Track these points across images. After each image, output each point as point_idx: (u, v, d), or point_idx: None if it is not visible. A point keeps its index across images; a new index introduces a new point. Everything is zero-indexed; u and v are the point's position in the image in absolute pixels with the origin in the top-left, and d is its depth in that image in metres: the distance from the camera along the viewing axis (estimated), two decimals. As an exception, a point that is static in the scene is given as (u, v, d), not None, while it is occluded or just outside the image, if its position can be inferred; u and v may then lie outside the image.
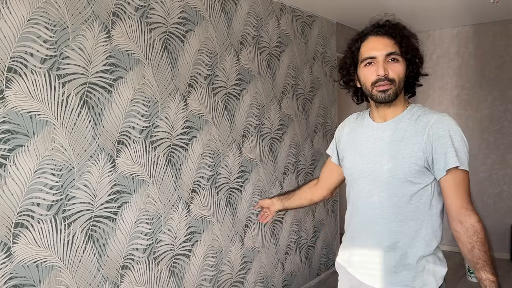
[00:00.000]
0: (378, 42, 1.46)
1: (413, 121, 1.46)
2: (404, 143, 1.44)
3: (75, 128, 2.20)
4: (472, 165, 4.97)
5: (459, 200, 1.40)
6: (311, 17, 4.18)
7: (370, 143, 1.53)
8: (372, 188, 1.50)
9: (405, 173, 1.43)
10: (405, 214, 1.46)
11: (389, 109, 1.50)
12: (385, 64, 1.44)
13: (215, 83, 3.06)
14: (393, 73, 1.44)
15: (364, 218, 1.54)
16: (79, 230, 2.23)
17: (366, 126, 1.58)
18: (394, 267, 1.48)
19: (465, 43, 4.98)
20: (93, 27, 2.27)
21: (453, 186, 1.40)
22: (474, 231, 1.38)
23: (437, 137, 1.40)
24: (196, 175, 2.92)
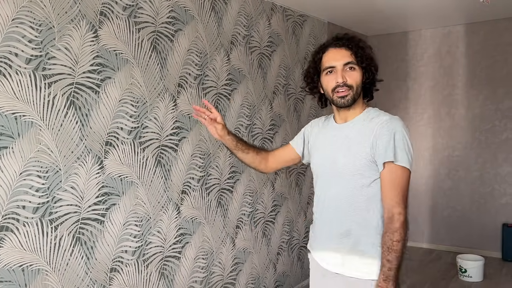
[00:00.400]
0: (337, 53, 1.64)
1: (367, 122, 1.64)
2: (357, 141, 1.63)
3: (61, 129, 2.16)
4: (464, 164, 4.98)
5: (391, 193, 1.55)
6: (302, 16, 4.16)
7: (332, 142, 1.72)
8: (331, 181, 1.69)
9: (356, 167, 1.61)
10: (357, 204, 1.62)
11: (349, 112, 1.70)
12: (343, 73, 1.63)
13: (205, 83, 3.04)
14: (351, 80, 1.63)
15: (324, 209, 1.72)
16: (66, 232, 2.19)
17: (330, 127, 1.78)
18: (347, 253, 1.64)
19: (456, 43, 4.99)
20: (80, 26, 2.24)
21: (388, 180, 1.56)
22: (395, 219, 1.52)
23: (381, 135, 1.57)
24: (186, 176, 2.89)
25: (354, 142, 1.63)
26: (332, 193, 1.68)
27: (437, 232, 5.17)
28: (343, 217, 1.65)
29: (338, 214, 1.66)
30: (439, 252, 5.07)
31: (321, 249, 1.74)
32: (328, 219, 1.70)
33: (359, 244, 1.62)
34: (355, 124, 1.67)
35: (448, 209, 5.10)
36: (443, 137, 5.11)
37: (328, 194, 1.70)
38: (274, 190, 3.75)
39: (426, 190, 5.23)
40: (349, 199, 1.63)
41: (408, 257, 4.90)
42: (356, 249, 1.62)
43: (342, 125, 1.71)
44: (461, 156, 5.01)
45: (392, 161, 1.55)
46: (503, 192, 4.78)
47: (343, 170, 1.64)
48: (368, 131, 1.61)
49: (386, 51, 5.43)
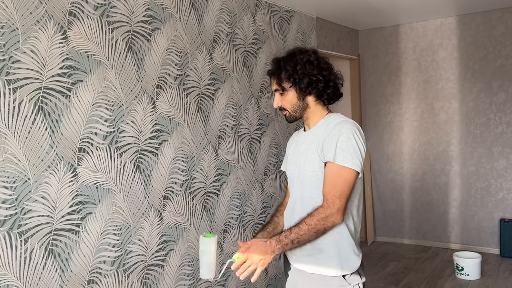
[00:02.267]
0: (271, 81, 1.81)
1: (325, 127, 1.74)
2: (314, 144, 1.73)
3: (29, 136, 2.05)
4: (460, 159, 4.88)
5: (326, 191, 1.63)
6: (289, 12, 4.05)
7: (298, 149, 1.84)
8: (296, 184, 1.79)
9: (312, 170, 1.71)
10: (316, 204, 1.67)
11: (308, 120, 1.82)
12: (277, 99, 1.79)
13: (186, 83, 2.92)
14: (284, 103, 1.77)
15: (290, 210, 1.80)
16: (38, 245, 2.08)
17: (300, 136, 1.89)
18: (309, 250, 1.68)
19: (449, 35, 4.88)
20: (46, 28, 2.13)
21: (326, 176, 1.65)
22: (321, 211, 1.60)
23: (327, 137, 1.67)
24: (168, 181, 2.79)
25: (312, 146, 1.74)
26: (298, 196, 1.77)
27: (433, 228, 5.07)
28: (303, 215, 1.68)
29: (299, 212, 1.71)
30: (436, 249, 4.98)
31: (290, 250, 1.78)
32: (293, 220, 1.74)
33: (318, 242, 1.67)
34: (315, 130, 1.78)
35: (444, 205, 5.00)
36: (438, 131, 5.01)
37: (295, 196, 1.79)
38: (263, 191, 3.65)
39: (421, 186, 5.13)
40: (309, 200, 1.71)
41: (404, 255, 4.81)
42: (315, 247, 1.68)
43: (307, 132, 1.82)
44: (456, 151, 4.91)
45: (331, 161, 1.63)
46: (499, 187, 4.68)
47: (304, 173, 1.74)
48: (322, 135, 1.70)
49: (378, 45, 5.32)
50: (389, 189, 5.34)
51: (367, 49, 5.40)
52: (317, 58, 1.75)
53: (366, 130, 5.44)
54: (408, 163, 5.21)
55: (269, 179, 3.73)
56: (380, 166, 5.37)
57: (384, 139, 5.34)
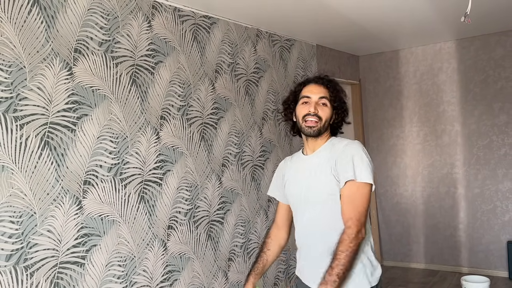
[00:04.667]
0: (315, 88, 1.82)
1: (329, 149, 1.79)
2: (323, 166, 1.76)
3: (35, 171, 2.10)
4: (464, 181, 4.87)
5: (349, 209, 1.65)
6: (289, 41, 4.13)
7: (303, 172, 1.84)
8: (306, 208, 1.79)
9: (328, 192, 1.72)
10: (335, 225, 1.69)
11: (316, 142, 1.83)
12: (316, 105, 1.78)
13: (189, 113, 2.98)
14: (322, 113, 1.78)
15: (304, 234, 1.82)
16: (43, 279, 2.10)
17: (300, 160, 1.90)
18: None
19: (448, 59, 4.94)
20: (53, 65, 2.19)
21: (346, 195, 1.67)
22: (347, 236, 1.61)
23: (341, 159, 1.71)
24: (172, 211, 2.81)
25: (321, 169, 1.76)
26: (312, 218, 1.77)
27: (440, 252, 5.03)
28: (325, 238, 1.72)
29: (320, 236, 1.75)
30: (444, 273, 4.92)
31: (309, 271, 1.81)
32: (311, 242, 1.78)
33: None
34: (320, 153, 1.81)
35: (450, 228, 4.97)
36: (441, 154, 5.02)
37: (305, 219, 1.80)
38: (267, 218, 3.66)
39: (426, 209, 5.11)
40: (328, 221, 1.73)
41: (412, 279, 4.76)
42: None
43: (310, 156, 1.84)
44: (460, 173, 4.90)
45: (351, 179, 1.66)
46: (505, 209, 4.65)
47: (317, 196, 1.75)
48: (331, 157, 1.75)
49: (378, 70, 5.39)
50: (394, 212, 5.33)
51: (368, 74, 5.47)
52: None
53: (369, 153, 5.43)
54: (412, 186, 5.21)
55: (273, 205, 3.74)
56: (385, 190, 5.37)
57: (388, 162, 5.35)
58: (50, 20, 2.19)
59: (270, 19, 3.50)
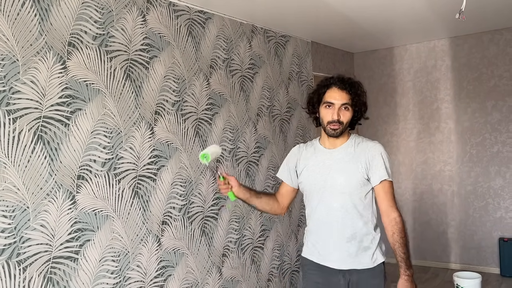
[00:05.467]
0: (338, 93, 2.00)
1: (355, 147, 2.04)
2: (352, 162, 2.01)
3: (28, 165, 2.08)
4: (457, 178, 4.90)
5: (387, 201, 1.99)
6: (285, 37, 4.12)
7: (326, 165, 2.05)
8: (332, 196, 2.02)
9: (355, 184, 1.99)
10: (358, 212, 2.01)
11: (338, 140, 2.07)
12: (339, 111, 1.99)
13: (184, 109, 2.97)
14: (344, 118, 2.00)
15: (328, 219, 2.04)
16: (36, 273, 2.09)
17: (321, 152, 2.10)
18: (355, 252, 2.01)
19: (442, 56, 4.96)
20: (46, 58, 2.18)
21: (383, 191, 2.00)
22: (395, 222, 1.96)
23: (372, 158, 2.00)
24: (167, 206, 2.80)
25: (349, 163, 2.01)
26: (336, 205, 2.01)
27: (432, 248, 5.06)
28: (349, 222, 2.00)
29: (344, 221, 2.00)
30: (436, 269, 4.95)
31: (329, 254, 2.05)
32: (335, 227, 2.02)
33: (363, 242, 2.01)
34: (345, 149, 2.05)
35: (443, 225, 5.00)
36: (434, 151, 5.04)
37: (331, 206, 2.02)
38: (261, 214, 3.66)
39: (419, 206, 5.13)
40: (353, 209, 2.00)
41: (405, 276, 4.78)
42: (362, 246, 2.01)
43: (333, 150, 2.06)
44: (453, 170, 4.93)
45: (385, 179, 1.98)
46: (497, 206, 4.69)
47: (342, 186, 1.99)
48: (359, 155, 2.01)
49: (372, 67, 5.40)
50: (387, 209, 5.34)
51: (362, 71, 5.48)
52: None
53: (363, 150, 5.47)
54: (405, 183, 5.23)
55: (267, 202, 3.73)
56: (378, 187, 5.39)
57: (382, 160, 5.36)
58: (44, 13, 2.17)
59: (265, 15, 3.49)
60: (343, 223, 2.00)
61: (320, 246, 2.07)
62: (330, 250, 2.04)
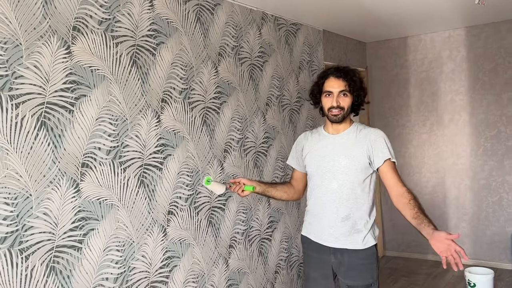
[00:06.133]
0: (335, 82, 2.16)
1: (357, 133, 2.19)
2: (355, 147, 2.15)
3: (31, 152, 2.03)
4: (470, 172, 4.80)
5: (394, 179, 2.11)
6: (296, 25, 4.03)
7: (330, 148, 2.21)
8: (332, 178, 2.16)
9: (356, 167, 2.13)
10: (354, 195, 2.14)
11: (340, 125, 2.22)
12: (338, 98, 2.15)
13: (191, 97, 2.90)
14: (343, 103, 2.16)
15: (325, 199, 2.19)
16: (39, 262, 2.05)
17: (323, 137, 2.27)
18: (347, 232, 2.15)
19: (457, 47, 4.83)
20: (50, 43, 2.12)
21: (388, 170, 2.11)
22: (407, 193, 2.06)
23: (375, 143, 2.13)
24: (173, 196, 2.75)
25: (352, 148, 2.15)
26: (335, 187, 2.15)
27: (444, 243, 4.96)
28: (344, 204, 2.14)
29: (340, 202, 2.14)
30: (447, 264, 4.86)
31: (323, 231, 2.20)
32: (331, 207, 2.16)
33: (356, 224, 2.14)
34: (348, 135, 2.20)
35: (455, 219, 4.90)
36: (447, 144, 4.93)
37: (331, 187, 2.16)
38: (270, 206, 3.60)
39: (431, 200, 5.04)
40: (350, 191, 2.13)
41: (414, 270, 4.71)
42: (354, 228, 2.14)
43: (336, 136, 2.22)
44: (466, 164, 4.82)
45: (389, 158, 2.10)
46: (511, 201, 4.57)
47: (345, 169, 2.13)
48: (362, 140, 2.15)
49: (386, 57, 5.28)
50: (398, 202, 5.25)
51: (375, 61, 5.36)
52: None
53: (374, 142, 5.38)
54: (417, 176, 5.13)
55: (275, 193, 3.67)
56: (389, 179, 5.29)
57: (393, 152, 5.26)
58: (48, -4, 2.11)
59: (276, 2, 3.40)
60: (339, 203, 2.14)
61: (316, 225, 2.24)
62: (324, 229, 2.19)
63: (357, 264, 2.14)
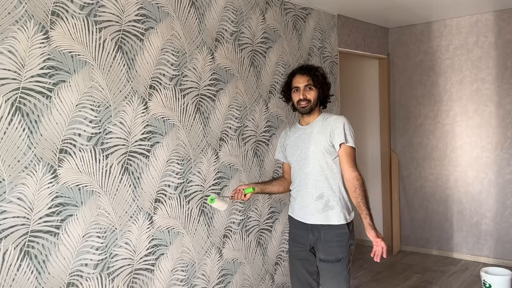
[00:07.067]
0: (301, 78, 2.44)
1: (323, 121, 2.44)
2: (320, 134, 2.41)
3: (4, 137, 2.04)
4: (495, 166, 4.51)
5: (347, 163, 2.35)
6: (305, 9, 3.88)
7: (301, 138, 2.48)
8: (305, 163, 2.44)
9: (322, 151, 2.39)
10: (325, 175, 2.39)
11: (310, 117, 2.48)
12: (304, 91, 2.42)
13: (183, 83, 2.85)
14: (309, 96, 2.42)
15: (302, 182, 2.45)
16: (12, 246, 2.07)
17: (297, 130, 2.54)
18: (322, 209, 2.39)
19: (485, 32, 4.51)
20: (26, 28, 2.11)
21: (343, 154, 2.37)
22: (356, 179, 2.31)
23: (335, 128, 2.37)
24: (161, 184, 2.72)
25: (318, 135, 2.41)
26: (308, 170, 2.42)
27: (464, 240, 4.72)
28: (317, 184, 2.39)
29: (314, 183, 2.40)
30: (466, 262, 4.63)
31: (302, 210, 2.45)
32: (306, 189, 2.42)
33: (329, 201, 2.39)
34: (315, 124, 2.45)
35: (477, 215, 4.64)
36: (471, 136, 4.65)
37: (305, 171, 2.43)
38: (271, 196, 3.51)
39: (452, 195, 4.79)
40: (320, 171, 2.39)
41: (430, 267, 4.50)
42: (328, 205, 2.38)
43: (306, 126, 2.49)
44: (491, 157, 4.53)
45: (344, 142, 2.35)
46: (538, 198, 4.27)
47: (313, 154, 2.40)
48: (326, 127, 2.40)
49: (408, 44, 5.02)
50: (417, 196, 5.04)
51: (397, 48, 5.11)
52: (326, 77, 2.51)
53: (395, 133, 5.16)
54: (438, 169, 4.88)
55: (277, 183, 3.58)
56: (409, 172, 5.07)
57: (414, 143, 5.03)
58: (24, -19, 2.10)
59: (279, -15, 3.27)
60: (313, 184, 2.41)
61: (296, 204, 2.50)
62: (302, 207, 2.45)
63: (330, 241, 2.38)
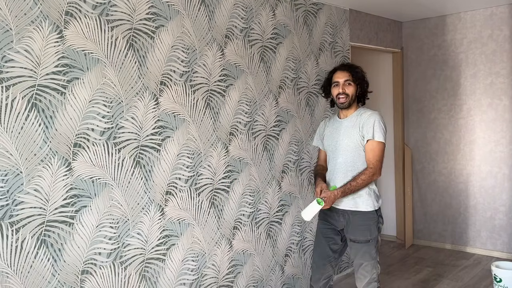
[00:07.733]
0: (341, 74, 2.66)
1: (357, 116, 2.65)
2: (354, 128, 2.62)
3: (22, 132, 2.16)
4: (509, 160, 4.48)
5: (371, 157, 2.57)
6: (316, 5, 3.91)
7: (337, 131, 2.71)
8: (338, 153, 2.67)
9: (355, 144, 2.60)
10: (356, 166, 2.61)
11: (348, 111, 2.70)
12: (343, 86, 2.62)
13: (193, 80, 2.93)
14: (348, 91, 2.63)
15: (334, 170, 2.68)
16: (29, 235, 2.19)
17: (335, 122, 2.76)
18: (350, 196, 2.60)
19: (500, 25, 4.47)
20: (41, 28, 2.22)
21: (369, 149, 2.58)
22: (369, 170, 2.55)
23: (367, 123, 2.57)
24: (172, 177, 2.82)
25: (351, 129, 2.62)
26: (340, 160, 2.64)
27: (477, 235, 4.71)
28: (347, 174, 2.61)
29: (344, 172, 2.62)
30: (479, 256, 4.62)
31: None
32: (338, 177, 2.64)
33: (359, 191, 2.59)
34: (351, 118, 2.67)
35: (491, 210, 4.62)
36: (485, 130, 4.62)
37: (338, 161, 2.65)
38: (280, 189, 3.58)
39: (466, 189, 4.77)
40: (352, 163, 2.61)
41: (442, 261, 4.51)
42: (357, 193, 2.59)
43: (343, 120, 2.71)
44: (505, 152, 4.50)
45: (371, 139, 2.55)
46: (553, 193, 4.23)
47: (346, 146, 2.62)
48: (359, 121, 2.61)
49: (422, 37, 5.00)
50: (431, 190, 5.03)
51: (410, 42, 5.10)
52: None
53: (408, 127, 5.16)
54: (452, 163, 4.87)
55: (287, 176, 3.65)
56: (422, 166, 5.07)
57: (428, 137, 5.02)
58: (39, -17, 2.20)
59: (288, -19, 3.31)
60: (344, 173, 2.62)
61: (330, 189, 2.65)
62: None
63: (359, 224, 2.60)
